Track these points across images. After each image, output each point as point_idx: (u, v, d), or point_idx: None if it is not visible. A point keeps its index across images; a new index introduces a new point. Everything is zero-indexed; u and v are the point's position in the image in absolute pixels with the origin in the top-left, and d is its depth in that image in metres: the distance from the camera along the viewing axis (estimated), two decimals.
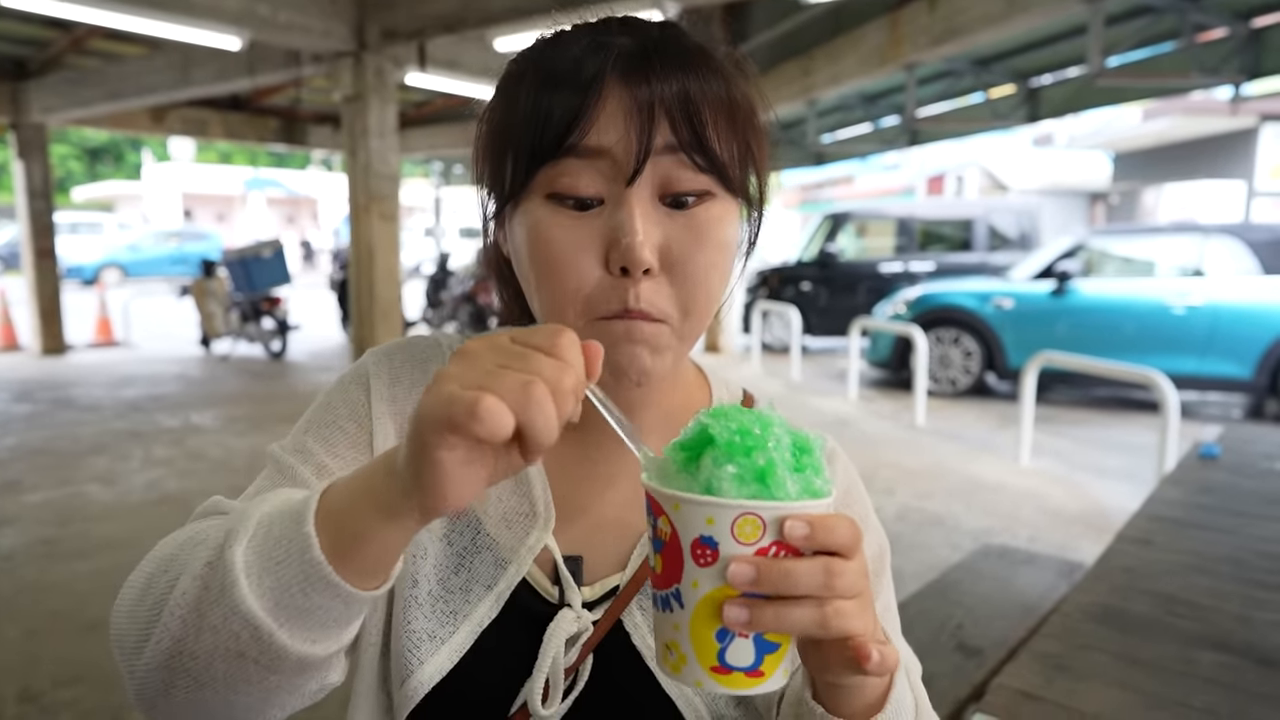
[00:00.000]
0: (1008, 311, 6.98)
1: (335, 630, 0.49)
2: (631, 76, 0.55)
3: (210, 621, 0.46)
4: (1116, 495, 4.44)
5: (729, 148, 0.58)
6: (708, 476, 0.45)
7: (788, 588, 0.43)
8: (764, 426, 0.46)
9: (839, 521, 0.44)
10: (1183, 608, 1.28)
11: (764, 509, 0.43)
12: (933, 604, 2.09)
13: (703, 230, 0.57)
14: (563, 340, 0.42)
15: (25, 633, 2.85)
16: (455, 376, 0.41)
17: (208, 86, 7.79)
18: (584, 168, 0.55)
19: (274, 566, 0.46)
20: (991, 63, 7.65)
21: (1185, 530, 1.64)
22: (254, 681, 0.48)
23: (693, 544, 0.44)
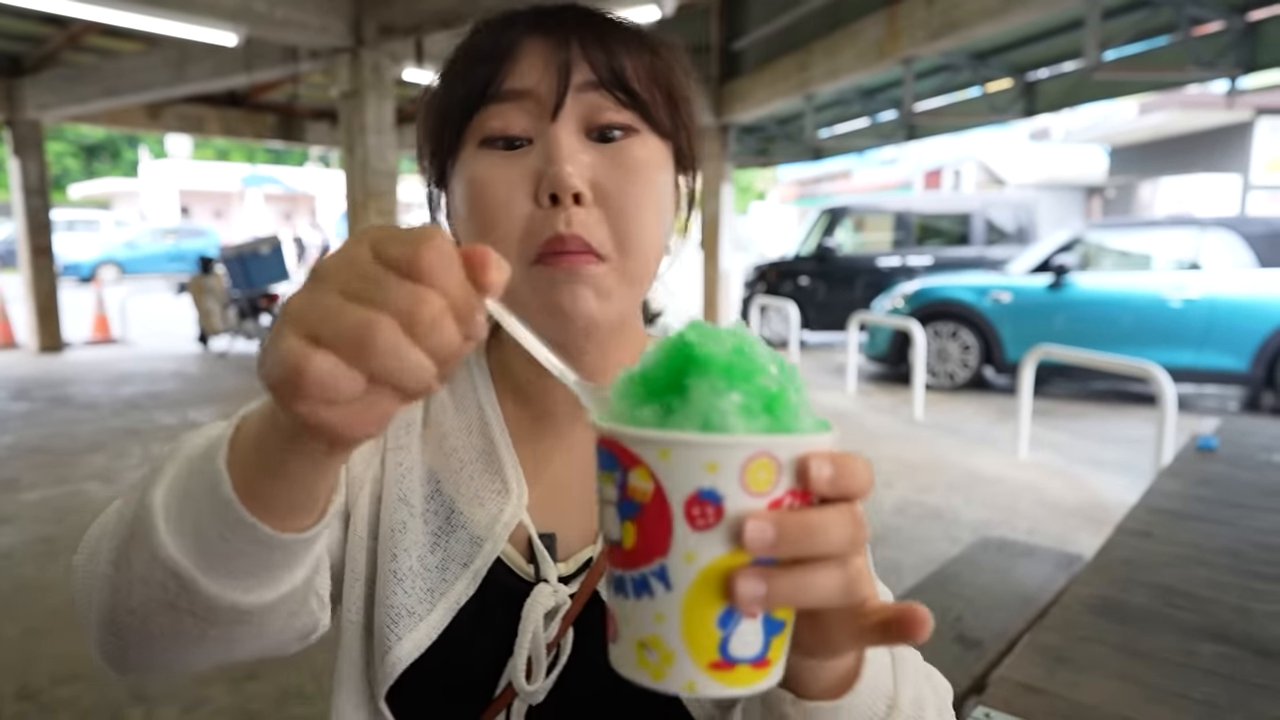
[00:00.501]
0: (1005, 305, 6.99)
1: (265, 576, 0.45)
2: (547, 30, 0.60)
3: (137, 571, 0.45)
4: (1114, 487, 4.45)
5: (650, 90, 0.61)
6: (705, 409, 0.34)
7: (810, 547, 0.34)
8: (751, 343, 0.37)
9: (858, 460, 0.37)
10: (1182, 599, 1.28)
11: (780, 446, 0.34)
12: (932, 596, 2.10)
13: (631, 163, 0.59)
14: (425, 253, 0.32)
15: (24, 631, 2.85)
16: (294, 318, 0.33)
17: (204, 83, 7.76)
18: (509, 109, 0.58)
19: (191, 507, 0.43)
20: (989, 57, 7.64)
21: (1184, 522, 1.65)
22: (194, 636, 0.47)
23: (689, 501, 0.34)
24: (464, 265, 0.33)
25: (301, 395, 0.32)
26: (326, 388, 0.32)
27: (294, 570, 0.47)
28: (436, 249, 0.32)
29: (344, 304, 0.32)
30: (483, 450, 0.66)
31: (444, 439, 0.66)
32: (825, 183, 28.82)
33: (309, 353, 0.32)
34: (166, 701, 2.43)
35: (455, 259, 0.33)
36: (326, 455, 0.39)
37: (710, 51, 9.34)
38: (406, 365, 0.32)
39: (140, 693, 2.47)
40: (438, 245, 0.33)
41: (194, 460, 0.44)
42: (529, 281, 0.58)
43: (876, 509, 4.13)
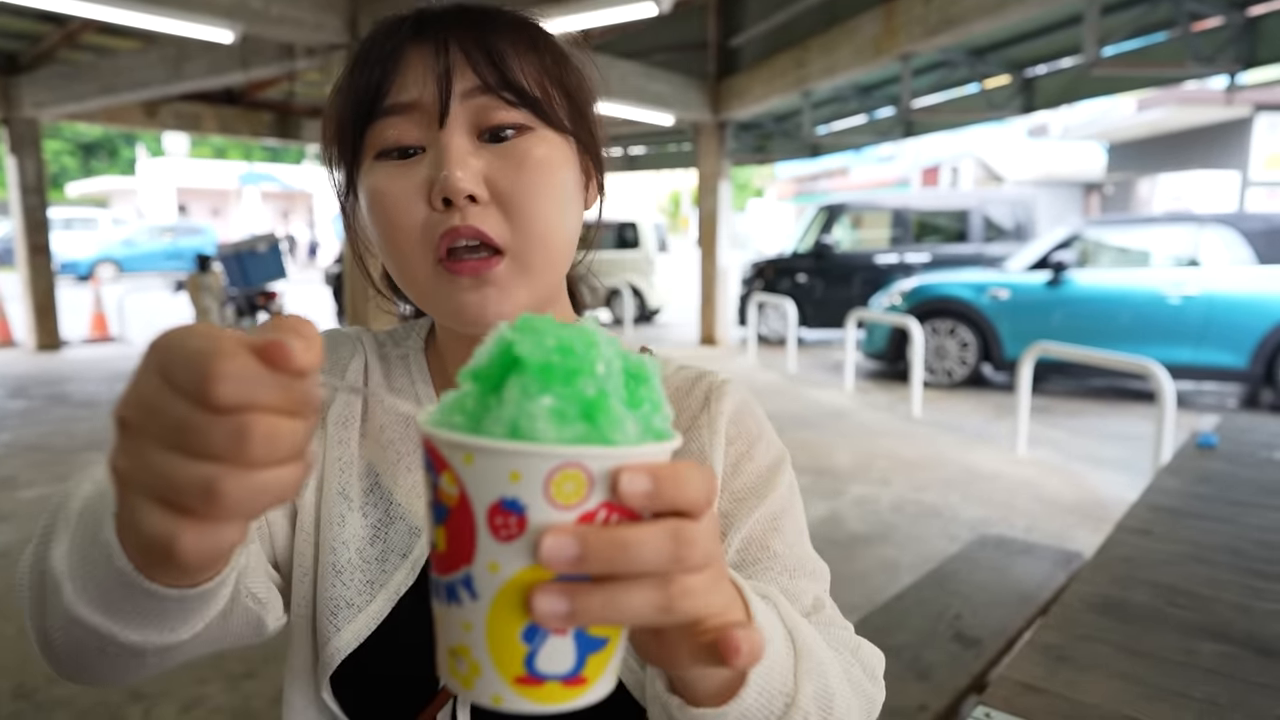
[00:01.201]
0: (1003, 302, 6.98)
1: (184, 618, 0.45)
2: (431, 34, 0.60)
3: (57, 625, 0.46)
4: (1113, 485, 4.45)
5: (541, 86, 0.61)
6: (514, 414, 0.32)
7: (623, 564, 0.32)
8: (588, 344, 0.34)
9: (689, 471, 0.34)
10: (1183, 598, 1.28)
11: (591, 457, 0.32)
12: (930, 594, 2.10)
13: (523, 158, 0.59)
14: (219, 384, 0.30)
15: (20, 629, 2.84)
16: (133, 482, 0.33)
17: (201, 80, 7.74)
18: (400, 122, 0.59)
19: (92, 574, 0.42)
20: (986, 53, 7.64)
21: (1184, 520, 1.65)
22: (129, 664, 0.48)
23: (490, 510, 0.32)
24: (267, 364, 0.31)
25: (176, 564, 0.34)
26: (200, 553, 0.33)
27: (212, 605, 0.47)
28: (229, 372, 0.30)
29: (175, 462, 0.31)
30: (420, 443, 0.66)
31: (381, 432, 0.68)
32: (823, 180, 28.82)
33: (174, 531, 0.32)
34: (164, 700, 2.42)
35: (253, 370, 0.30)
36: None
37: (707, 48, 9.33)
38: (264, 495, 0.32)
39: (138, 691, 2.46)
40: (228, 366, 0.30)
41: (87, 526, 0.43)
42: (436, 283, 0.60)
43: (874, 507, 4.13)
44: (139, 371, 0.33)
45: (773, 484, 0.66)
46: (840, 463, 4.85)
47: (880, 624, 1.92)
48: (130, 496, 0.33)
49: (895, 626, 1.92)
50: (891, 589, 2.97)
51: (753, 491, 0.65)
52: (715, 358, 9.12)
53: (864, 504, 4.16)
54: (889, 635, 1.84)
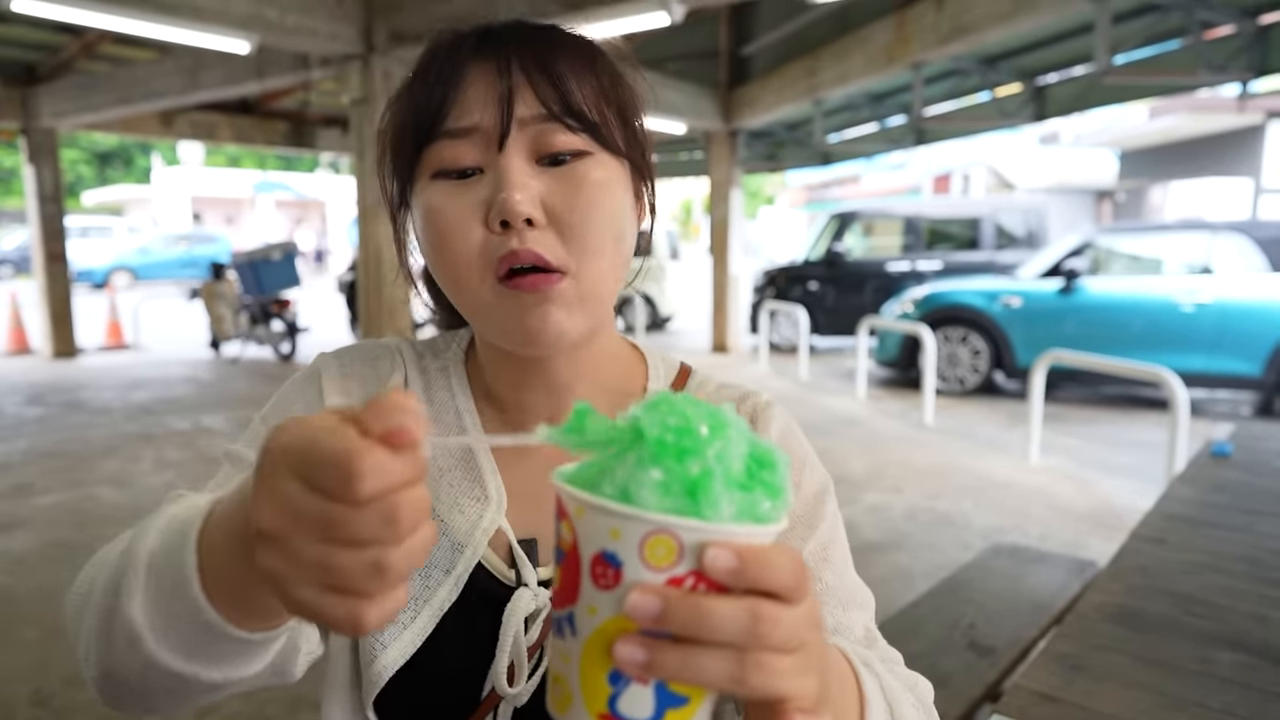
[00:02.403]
0: (1016, 310, 6.96)
1: (262, 655, 0.49)
2: (493, 55, 0.60)
3: (133, 666, 0.48)
4: (1126, 493, 4.43)
5: (599, 111, 0.61)
6: (625, 480, 0.36)
7: (700, 630, 0.34)
8: (714, 427, 0.37)
9: (780, 556, 0.36)
10: (1199, 607, 1.28)
11: (682, 528, 0.35)
12: (944, 602, 2.09)
13: (580, 182, 0.60)
14: (361, 484, 0.32)
15: (38, 635, 2.87)
16: (287, 579, 0.35)
17: (216, 90, 7.82)
18: (459, 145, 0.60)
19: (175, 622, 0.45)
20: (998, 61, 7.64)
21: (1199, 529, 1.64)
22: (202, 696, 0.51)
23: (593, 559, 0.36)
24: (390, 446, 0.33)
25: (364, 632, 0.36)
26: (382, 622, 0.36)
27: (281, 640, 0.51)
28: (369, 469, 0.32)
29: (335, 554, 0.34)
30: (462, 459, 0.67)
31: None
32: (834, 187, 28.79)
33: (358, 612, 0.35)
34: None
35: (385, 459, 0.33)
36: None
37: (719, 57, 9.36)
38: (418, 556, 0.35)
39: None
40: (367, 464, 0.32)
41: (162, 581, 0.46)
42: (498, 300, 0.60)
43: (887, 514, 4.12)
44: (269, 476, 0.35)
45: (820, 512, 0.67)
46: (853, 470, 4.84)
47: (895, 632, 1.91)
48: (296, 592, 0.35)
49: (910, 634, 1.92)
50: (905, 597, 2.96)
51: (802, 520, 0.66)
52: (726, 365, 9.12)
53: (877, 511, 4.15)
54: (903, 643, 1.83)
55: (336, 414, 0.35)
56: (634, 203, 0.66)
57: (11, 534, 3.83)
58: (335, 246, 26.25)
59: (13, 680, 2.58)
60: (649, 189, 0.69)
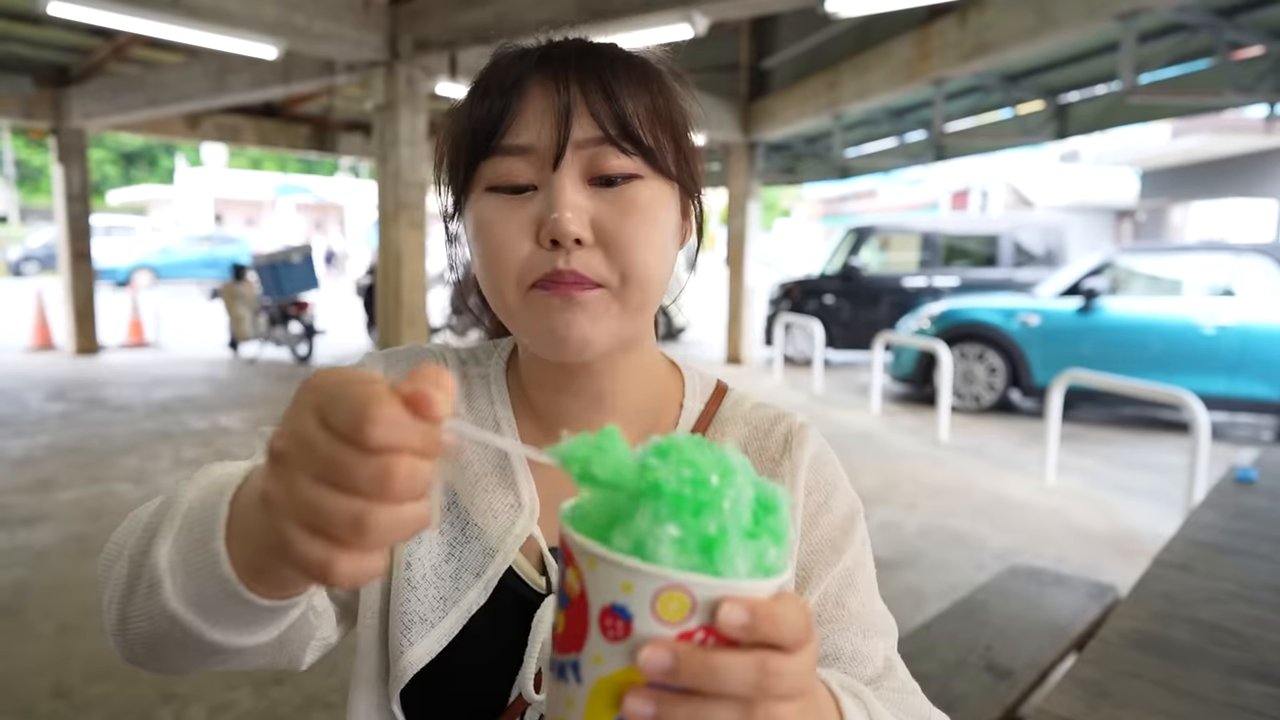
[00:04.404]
0: (1034, 328, 6.92)
1: (269, 623, 0.50)
2: (553, 75, 0.61)
3: (146, 612, 0.49)
4: (1144, 516, 4.38)
5: (654, 135, 0.62)
6: (641, 533, 0.36)
7: (710, 684, 0.35)
8: (724, 475, 0.37)
9: (788, 608, 0.36)
10: (1225, 636, 1.27)
11: (697, 585, 0.35)
12: (961, 624, 2.08)
13: (630, 204, 0.61)
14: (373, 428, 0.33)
15: (58, 628, 2.90)
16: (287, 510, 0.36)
17: (243, 94, 7.92)
18: (514, 162, 0.61)
19: (193, 573, 0.46)
20: (1021, 78, 7.61)
21: (1224, 556, 1.62)
22: (206, 657, 0.51)
23: (603, 611, 0.36)
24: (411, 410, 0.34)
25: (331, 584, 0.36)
26: (353, 579, 0.36)
27: (291, 615, 0.51)
28: (382, 417, 0.33)
29: (326, 495, 0.34)
30: (497, 465, 0.68)
31: (460, 453, 0.69)
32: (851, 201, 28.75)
33: (330, 558, 0.35)
34: (194, 703, 2.46)
35: (402, 416, 0.34)
36: None
37: (739, 70, 9.39)
38: (404, 527, 0.35)
39: (169, 693, 2.50)
40: (383, 412, 0.33)
41: (193, 530, 0.47)
42: (527, 306, 0.62)
43: (899, 532, 4.09)
44: (295, 407, 0.37)
45: (848, 538, 0.67)
46: (865, 486, 4.81)
47: (907, 652, 1.89)
48: (283, 523, 0.36)
49: (924, 655, 1.90)
50: (917, 617, 2.94)
51: (830, 545, 0.67)
52: (740, 377, 9.10)
53: (889, 529, 4.12)
54: (917, 664, 1.82)
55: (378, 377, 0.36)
56: (680, 221, 0.68)
57: (33, 528, 3.87)
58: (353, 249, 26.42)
59: (33, 673, 2.61)
60: (696, 207, 0.70)
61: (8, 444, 5.45)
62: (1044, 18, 5.05)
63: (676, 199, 0.66)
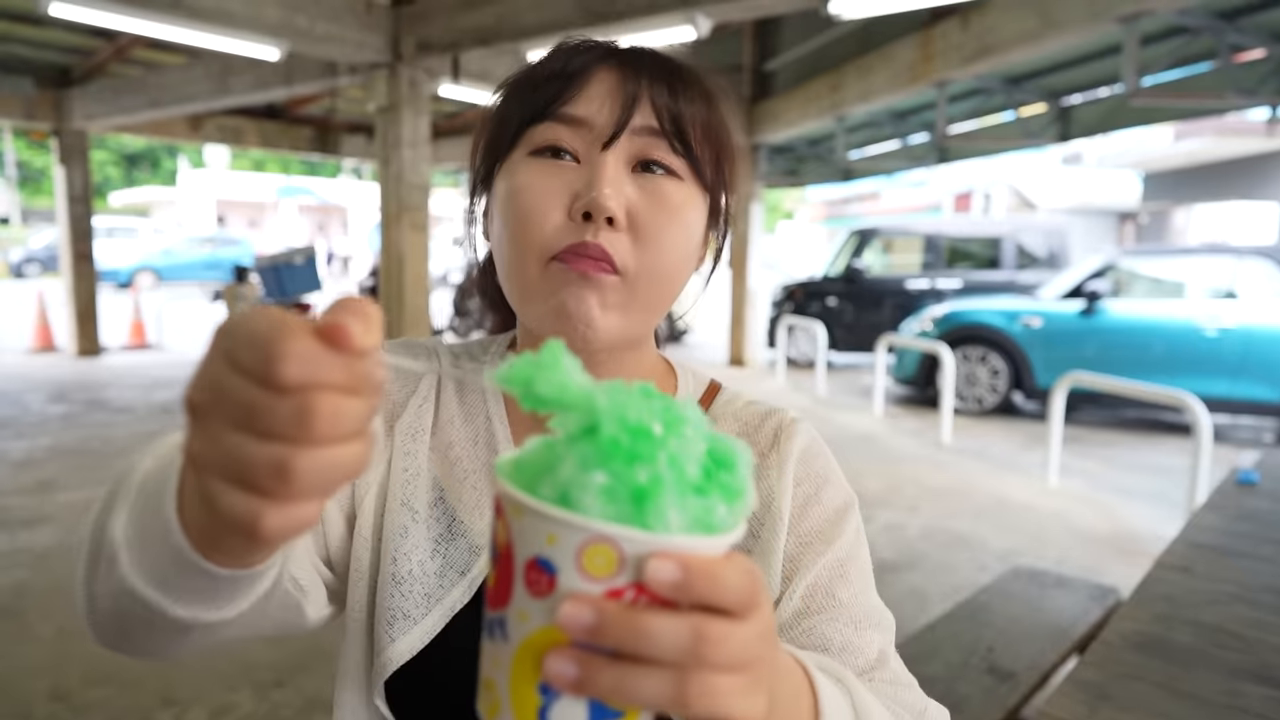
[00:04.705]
0: (1036, 330, 6.91)
1: (232, 596, 0.46)
2: (621, 65, 0.63)
3: (108, 589, 0.47)
4: (1146, 518, 4.37)
5: (702, 145, 0.64)
6: (567, 482, 0.34)
7: (637, 646, 0.32)
8: (670, 425, 0.35)
9: (730, 569, 0.33)
10: (1227, 639, 1.26)
11: (624, 538, 0.33)
12: (963, 626, 2.07)
13: (669, 201, 0.62)
14: (282, 366, 0.31)
15: (57, 631, 2.90)
16: (208, 464, 0.34)
17: (245, 95, 7.93)
18: (565, 130, 0.61)
19: (148, 544, 0.43)
20: (1023, 81, 7.61)
21: (1226, 558, 1.62)
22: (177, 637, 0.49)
23: (527, 564, 0.34)
24: (328, 345, 0.32)
25: (260, 540, 0.34)
26: (282, 532, 0.33)
27: (260, 586, 0.48)
28: (292, 352, 0.31)
29: (246, 443, 0.32)
30: (487, 463, 0.68)
31: (450, 448, 0.68)
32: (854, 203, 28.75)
33: (255, 511, 0.33)
34: (195, 706, 2.45)
35: (315, 350, 0.31)
36: None
37: (742, 72, 9.39)
38: (333, 472, 0.33)
39: (169, 697, 2.49)
40: (292, 347, 0.31)
41: (148, 499, 0.44)
42: (544, 278, 0.61)
43: (902, 534, 4.09)
44: (207, 355, 0.34)
45: (840, 529, 0.66)
46: (868, 488, 4.81)
47: (910, 654, 1.90)
48: (206, 479, 0.34)
49: (926, 657, 1.90)
50: (920, 618, 2.94)
51: (819, 535, 0.65)
52: (743, 379, 9.09)
53: (892, 530, 4.12)
54: (920, 666, 1.82)
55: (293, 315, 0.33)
56: (704, 235, 0.68)
57: (34, 530, 3.87)
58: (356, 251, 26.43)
59: (31, 675, 2.61)
60: (719, 233, 0.71)
61: (9, 445, 5.46)
62: (1046, 20, 5.05)
63: (705, 213, 0.66)
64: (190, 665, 2.66)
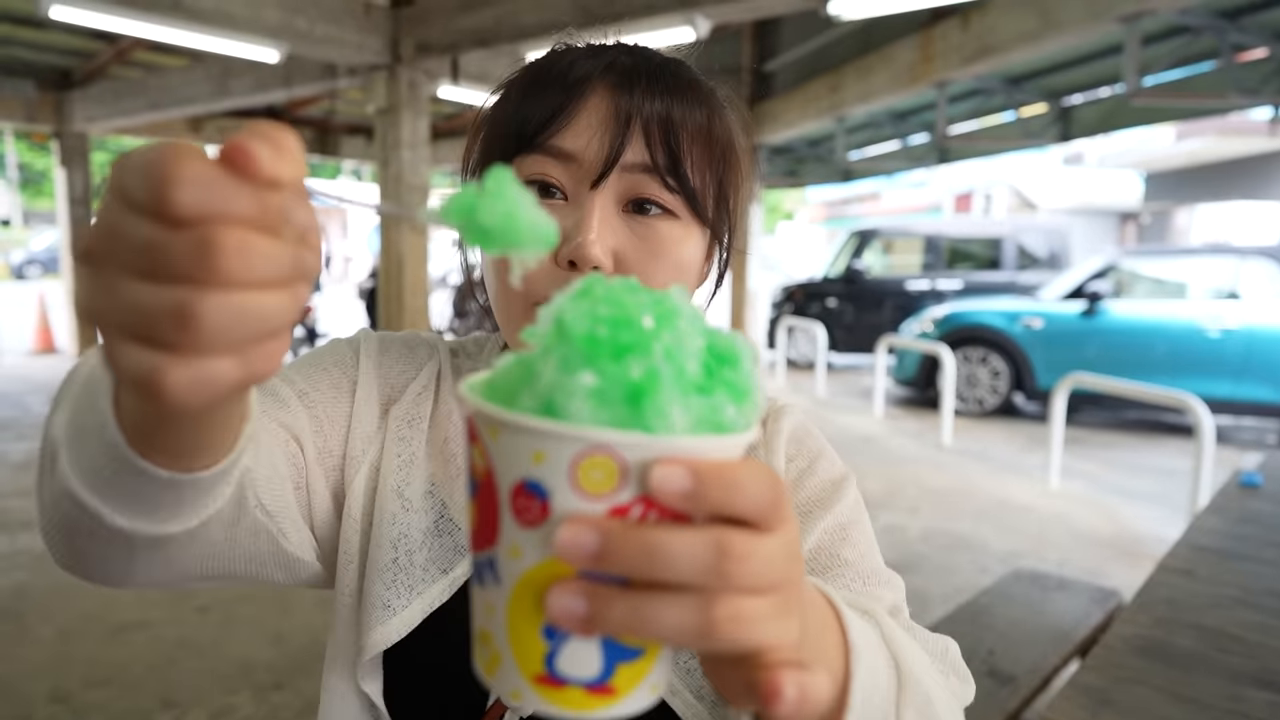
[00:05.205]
0: (1037, 331, 6.90)
1: (177, 509, 0.43)
2: (617, 87, 0.58)
3: (51, 494, 0.44)
4: (1148, 520, 4.36)
5: (701, 176, 0.60)
6: (549, 387, 0.29)
7: (650, 570, 0.28)
8: (662, 317, 0.31)
9: (749, 471, 0.29)
10: (1230, 642, 1.25)
11: (623, 445, 0.28)
12: (963, 629, 2.06)
13: (661, 243, 0.59)
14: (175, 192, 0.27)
15: (57, 633, 2.89)
16: (107, 320, 0.29)
17: (245, 98, 7.93)
18: (555, 165, 0.58)
19: (85, 439, 0.40)
20: (1024, 81, 7.60)
21: (1228, 561, 1.61)
22: (121, 557, 0.45)
23: (514, 490, 0.29)
24: (230, 169, 0.28)
25: (169, 403, 0.29)
26: (189, 391, 0.29)
27: (208, 498, 0.44)
28: (185, 177, 0.27)
29: (145, 289, 0.28)
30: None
31: (446, 442, 0.67)
32: (854, 204, 28.73)
33: (156, 365, 0.28)
34: (194, 708, 2.45)
35: (213, 175, 0.27)
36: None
37: (741, 72, 9.38)
38: (245, 320, 0.28)
39: (169, 699, 2.49)
40: (184, 171, 0.27)
41: (89, 391, 0.40)
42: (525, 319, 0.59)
43: (902, 536, 4.08)
44: (103, 196, 0.30)
45: (838, 496, 0.65)
46: (868, 490, 4.80)
47: None
48: (108, 338, 0.30)
49: None
50: (921, 621, 2.91)
51: (817, 503, 0.64)
52: None
53: (892, 533, 4.11)
54: None
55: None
56: (702, 263, 0.66)
57: (34, 532, 3.87)
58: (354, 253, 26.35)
59: (31, 677, 2.60)
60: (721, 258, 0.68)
61: (9, 447, 5.45)
62: (1046, 20, 5.04)
63: (704, 242, 0.64)
64: (190, 667, 2.66)
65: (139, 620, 2.98)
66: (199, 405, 0.30)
